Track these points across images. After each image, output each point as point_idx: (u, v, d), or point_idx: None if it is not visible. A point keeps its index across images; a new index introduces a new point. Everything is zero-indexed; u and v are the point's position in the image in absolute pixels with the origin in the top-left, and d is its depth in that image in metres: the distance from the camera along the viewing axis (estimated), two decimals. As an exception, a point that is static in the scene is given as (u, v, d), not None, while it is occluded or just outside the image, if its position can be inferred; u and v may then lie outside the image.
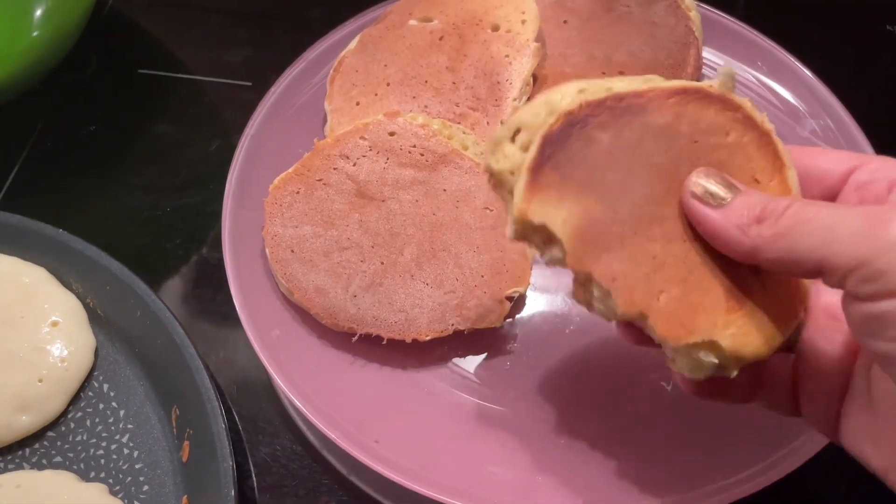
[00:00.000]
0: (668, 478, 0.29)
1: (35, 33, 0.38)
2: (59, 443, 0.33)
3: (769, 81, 0.41)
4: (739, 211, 0.20)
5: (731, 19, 0.42)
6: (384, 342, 0.32)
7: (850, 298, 0.19)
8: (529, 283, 0.34)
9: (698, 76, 0.41)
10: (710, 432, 0.31)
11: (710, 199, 0.21)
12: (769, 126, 0.22)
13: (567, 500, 0.29)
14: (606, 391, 0.32)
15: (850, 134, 0.38)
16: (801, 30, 0.45)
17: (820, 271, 0.19)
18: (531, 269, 0.35)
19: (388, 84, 0.40)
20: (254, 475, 0.33)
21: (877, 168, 0.22)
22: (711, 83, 0.22)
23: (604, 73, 0.40)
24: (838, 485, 0.32)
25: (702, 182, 0.21)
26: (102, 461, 0.32)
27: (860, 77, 0.45)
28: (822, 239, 0.19)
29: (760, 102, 0.41)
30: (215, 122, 0.44)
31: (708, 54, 0.42)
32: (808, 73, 0.40)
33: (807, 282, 0.22)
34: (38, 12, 0.38)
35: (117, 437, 0.33)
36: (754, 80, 0.41)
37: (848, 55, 0.46)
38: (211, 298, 0.38)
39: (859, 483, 0.31)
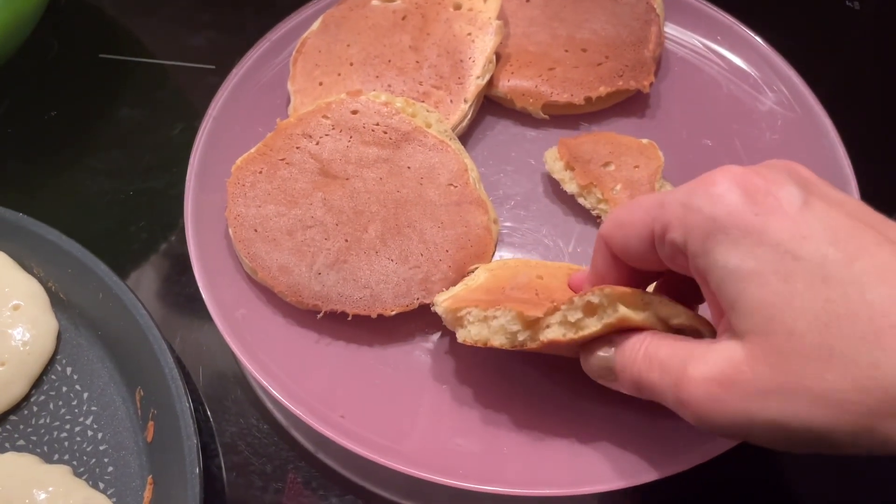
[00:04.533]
0: (635, 446, 0.30)
1: (-8, 18, 0.38)
2: (21, 426, 0.33)
3: (730, 55, 0.42)
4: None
5: (692, -4, 0.43)
6: (349, 318, 0.33)
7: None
8: (492, 259, 0.35)
9: (660, 52, 0.41)
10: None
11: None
12: None
13: (533, 471, 0.30)
14: (572, 363, 0.33)
15: (807, 104, 0.39)
16: (762, 6, 0.46)
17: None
18: (495, 245, 0.35)
19: (351, 64, 0.40)
20: (221, 454, 0.33)
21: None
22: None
23: (566, 52, 0.40)
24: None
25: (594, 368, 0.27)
26: (66, 444, 0.32)
27: (823, 53, 0.46)
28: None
29: (722, 76, 0.41)
30: (179, 105, 0.44)
31: (670, 30, 0.43)
32: (766, 46, 0.41)
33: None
34: (-5, -3, 0.37)
35: (81, 419, 0.33)
36: (715, 54, 0.42)
37: (809, 32, 0.47)
38: (176, 280, 0.38)
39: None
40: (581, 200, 0.37)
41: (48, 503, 0.29)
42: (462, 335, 0.29)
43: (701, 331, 0.26)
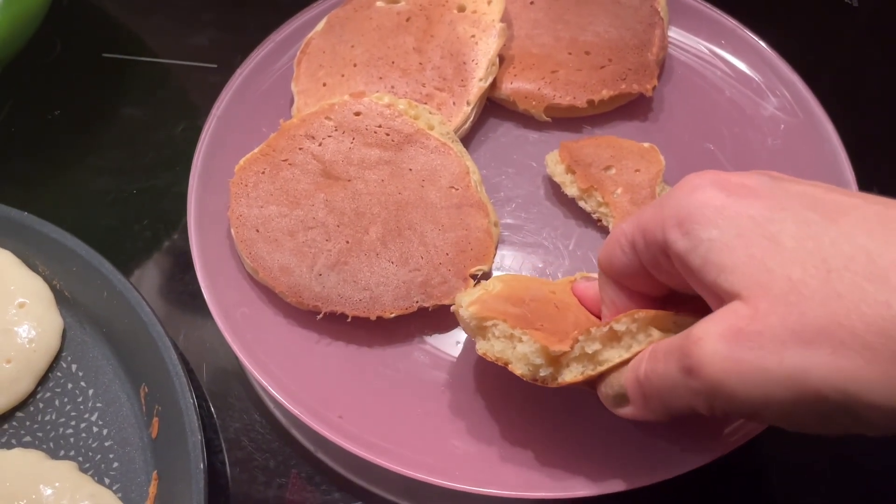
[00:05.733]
0: (632, 450, 0.30)
1: (-4, 17, 0.38)
2: (27, 423, 0.33)
3: (733, 60, 0.42)
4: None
5: (696, -1, 0.43)
6: (349, 320, 0.33)
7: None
8: (493, 262, 0.35)
9: (663, 56, 0.41)
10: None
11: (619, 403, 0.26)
12: None
13: (529, 474, 0.30)
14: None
15: (809, 109, 0.39)
16: (762, 7, 0.46)
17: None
18: (495, 248, 0.35)
19: (354, 65, 0.40)
20: (224, 450, 0.33)
21: None
22: None
23: (570, 54, 0.40)
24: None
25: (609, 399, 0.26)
26: (72, 440, 0.33)
27: (820, 51, 0.46)
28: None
29: (725, 80, 0.41)
30: (181, 104, 0.44)
31: (673, 34, 0.42)
32: (769, 50, 0.41)
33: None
34: (-1, -4, 0.37)
35: (86, 415, 0.33)
36: (719, 58, 0.42)
37: (806, 29, 0.47)
38: (179, 278, 0.38)
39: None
40: (582, 204, 0.37)
41: (55, 498, 0.30)
42: (484, 347, 0.28)
43: None
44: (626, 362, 0.26)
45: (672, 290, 0.26)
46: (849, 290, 0.19)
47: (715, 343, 0.20)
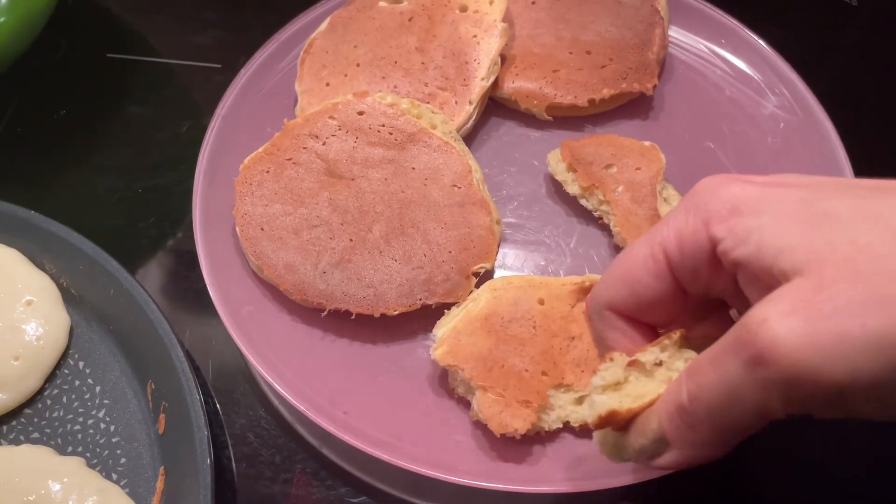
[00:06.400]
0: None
1: (1, 19, 0.38)
2: (35, 419, 0.33)
3: (733, 59, 0.42)
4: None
5: (696, -2, 0.43)
6: (353, 317, 0.33)
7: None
8: (496, 259, 0.35)
9: (664, 55, 0.42)
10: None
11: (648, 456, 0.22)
12: None
13: (533, 469, 0.30)
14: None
15: (809, 108, 0.39)
16: (762, 6, 0.46)
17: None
18: (497, 246, 0.35)
19: (357, 65, 0.40)
20: (230, 446, 0.34)
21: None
22: None
23: (571, 54, 0.41)
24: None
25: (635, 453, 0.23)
26: (80, 436, 0.33)
27: (819, 49, 0.46)
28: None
29: (725, 79, 0.41)
30: (186, 104, 0.45)
31: (674, 33, 0.43)
32: (768, 49, 0.41)
33: None
34: (4, -2, 0.38)
35: (94, 412, 0.33)
36: (719, 58, 0.42)
37: (805, 27, 0.47)
38: (185, 276, 0.39)
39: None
40: (583, 202, 0.38)
41: (63, 494, 0.30)
42: (451, 384, 0.32)
43: None
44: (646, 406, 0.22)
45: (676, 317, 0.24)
46: None
47: (785, 320, 0.18)
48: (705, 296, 0.23)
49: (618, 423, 0.23)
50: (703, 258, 0.21)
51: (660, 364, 0.22)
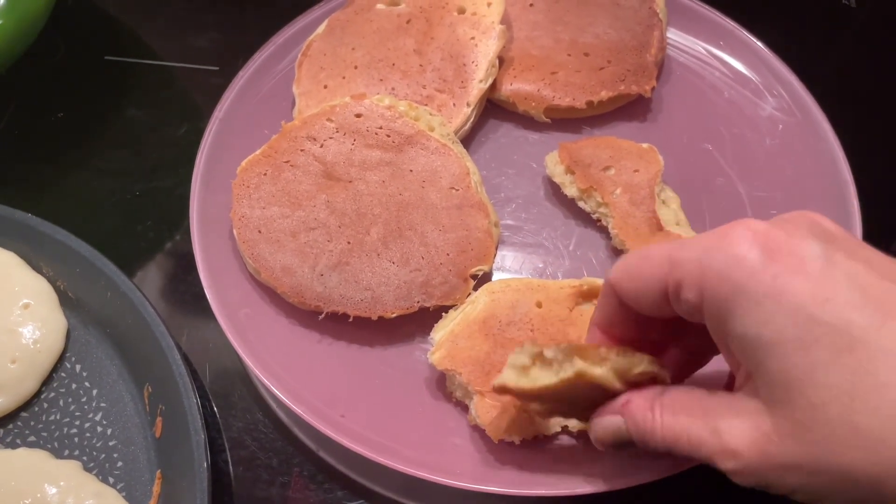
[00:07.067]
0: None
1: (0, 22, 0.38)
2: (32, 422, 0.33)
3: (731, 61, 0.42)
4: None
5: (694, 1, 0.43)
6: (350, 320, 0.33)
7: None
8: (493, 262, 0.35)
9: (662, 57, 0.42)
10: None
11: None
12: None
13: (530, 471, 0.30)
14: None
15: (807, 109, 0.39)
16: (760, 8, 0.46)
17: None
18: (495, 249, 0.35)
19: (355, 67, 0.40)
20: (227, 449, 0.34)
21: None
22: None
23: (569, 56, 0.41)
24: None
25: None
26: (76, 439, 0.33)
27: (817, 50, 0.46)
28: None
29: (723, 81, 0.41)
30: (184, 106, 0.45)
31: (672, 35, 0.43)
32: (767, 50, 0.41)
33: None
34: (2, 1, 0.38)
35: (90, 415, 0.33)
36: (717, 59, 0.42)
37: (803, 29, 0.47)
38: (182, 279, 0.38)
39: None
40: (581, 204, 0.38)
41: (59, 498, 0.30)
42: (448, 388, 0.32)
43: (662, 376, 0.25)
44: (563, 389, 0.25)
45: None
46: (869, 425, 0.19)
47: (749, 453, 0.21)
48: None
49: (508, 395, 0.26)
50: (692, 308, 0.23)
51: (555, 360, 0.25)
